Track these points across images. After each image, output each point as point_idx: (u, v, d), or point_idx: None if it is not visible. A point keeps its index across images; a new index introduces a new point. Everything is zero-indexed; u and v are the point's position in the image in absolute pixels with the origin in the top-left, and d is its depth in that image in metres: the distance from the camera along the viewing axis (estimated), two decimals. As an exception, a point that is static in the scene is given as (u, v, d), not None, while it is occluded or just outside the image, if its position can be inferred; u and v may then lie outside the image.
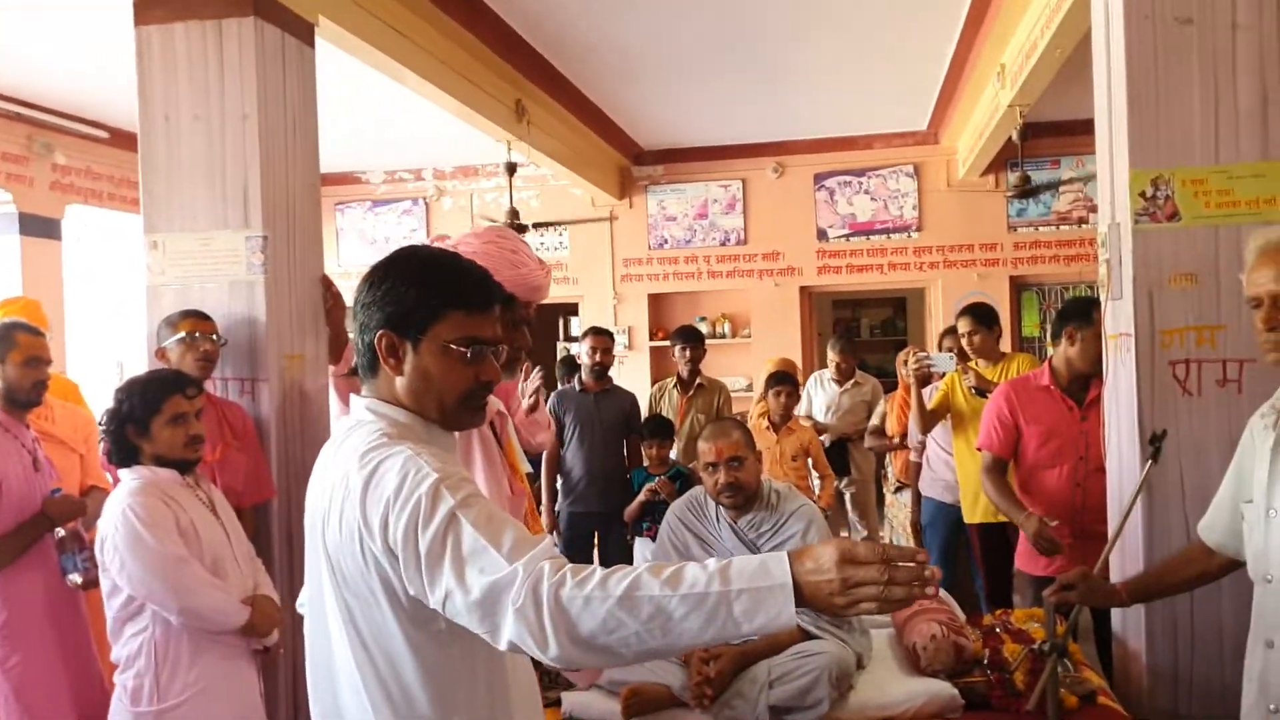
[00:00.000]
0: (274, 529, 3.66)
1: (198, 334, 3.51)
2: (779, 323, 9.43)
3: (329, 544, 1.64)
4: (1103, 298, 3.39)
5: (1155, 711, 3.06)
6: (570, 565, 1.50)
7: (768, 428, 6.03)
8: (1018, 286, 9.31)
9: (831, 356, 7.22)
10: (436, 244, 2.29)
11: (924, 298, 9.78)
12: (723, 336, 9.63)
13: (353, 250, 10.12)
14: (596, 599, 1.44)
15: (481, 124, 6.48)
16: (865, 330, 12.81)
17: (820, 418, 7.13)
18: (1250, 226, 2.93)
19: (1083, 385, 4.02)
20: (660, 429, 5.68)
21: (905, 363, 5.50)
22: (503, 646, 1.49)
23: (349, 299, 4.13)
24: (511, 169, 7.38)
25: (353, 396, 1.81)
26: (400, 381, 1.74)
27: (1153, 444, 2.97)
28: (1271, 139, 3.03)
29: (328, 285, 4.00)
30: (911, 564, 1.45)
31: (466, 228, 9.67)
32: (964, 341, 5.32)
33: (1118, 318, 3.25)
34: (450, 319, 1.71)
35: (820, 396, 7.25)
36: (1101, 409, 3.84)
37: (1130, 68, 3.09)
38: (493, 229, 2.51)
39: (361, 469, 1.61)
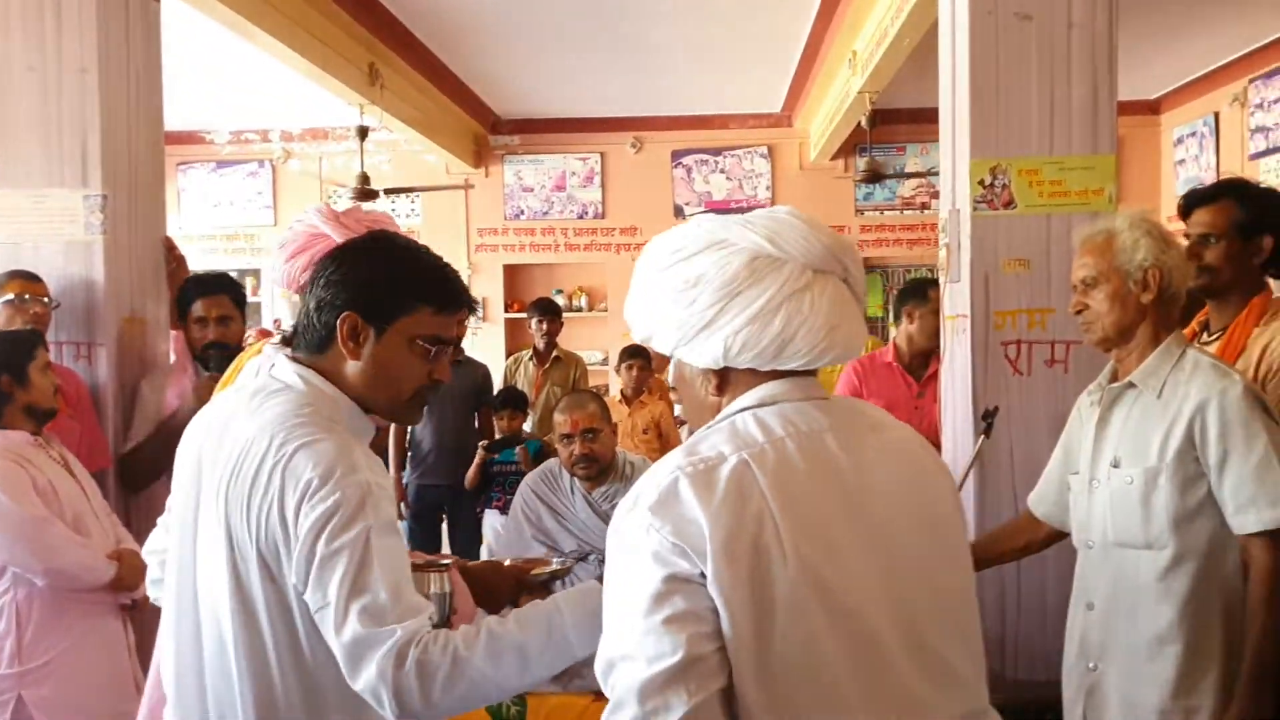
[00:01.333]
0: (110, 500, 3.52)
1: (27, 295, 3.35)
2: (634, 297, 9.50)
3: (229, 502, 1.59)
4: (942, 280, 3.53)
5: (982, 673, 3.22)
6: (430, 632, 1.54)
7: (620, 401, 6.09)
8: (863, 268, 9.59)
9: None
10: (306, 224, 2.17)
11: (775, 276, 10.00)
12: (579, 310, 9.64)
13: (195, 212, 9.75)
14: (462, 659, 1.52)
15: (333, 86, 6.32)
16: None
17: None
18: (1080, 216, 3.10)
19: (924, 362, 4.24)
20: (512, 400, 5.66)
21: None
22: (355, 687, 1.52)
23: (193, 263, 4.01)
24: (364, 133, 7.23)
25: (281, 357, 1.74)
26: (354, 366, 1.69)
27: (985, 419, 3.13)
28: (1101, 133, 3.20)
29: (170, 248, 3.86)
30: None
31: (315, 191, 9.43)
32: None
33: (955, 300, 3.39)
34: (419, 314, 1.69)
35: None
36: (937, 386, 4.09)
37: (973, 60, 3.22)
38: (377, 231, 2.36)
39: (289, 441, 1.57)
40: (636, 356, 6.16)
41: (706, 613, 1.20)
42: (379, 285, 1.69)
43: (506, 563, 2.29)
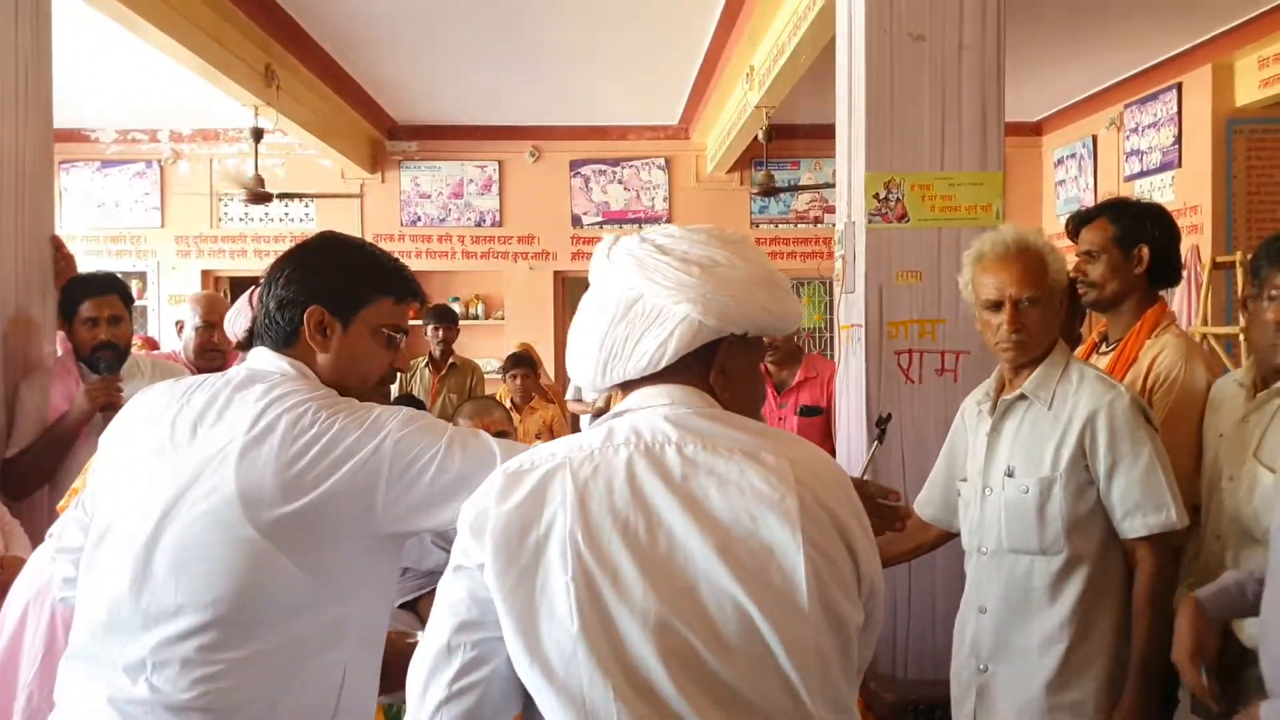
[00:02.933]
0: (-12, 506, 3.39)
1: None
2: (533, 306, 9.49)
3: (264, 476, 1.58)
4: (837, 291, 3.62)
5: (875, 675, 3.31)
6: None
7: (510, 409, 6.10)
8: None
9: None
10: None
11: (671, 287, 10.08)
12: (476, 318, 9.59)
13: (78, 213, 9.40)
14: None
15: (227, 86, 6.20)
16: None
17: (590, 400, 7.28)
18: (971, 230, 3.21)
19: (791, 375, 4.45)
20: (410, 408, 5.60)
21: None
22: None
23: (82, 264, 3.88)
24: (258, 135, 7.09)
25: (262, 350, 1.77)
26: (323, 358, 1.76)
27: (879, 426, 3.21)
28: (989, 150, 3.32)
29: (58, 246, 3.73)
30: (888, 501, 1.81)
31: (205, 194, 9.22)
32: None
33: (850, 310, 3.48)
34: (381, 305, 1.79)
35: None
36: (797, 396, 4.41)
37: (869, 78, 3.31)
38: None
39: (338, 413, 1.63)
40: (520, 365, 6.26)
41: (483, 603, 1.25)
42: (341, 279, 1.77)
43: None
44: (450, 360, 6.60)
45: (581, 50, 6.98)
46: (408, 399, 5.80)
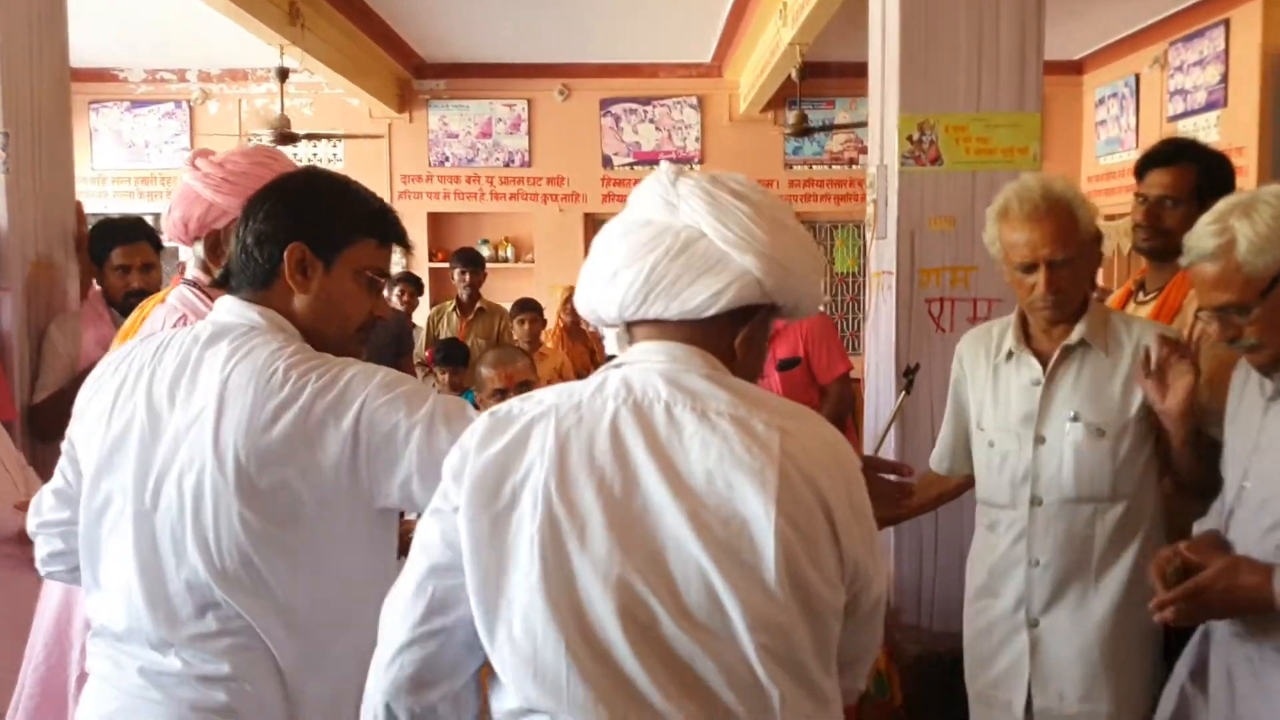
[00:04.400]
0: (13, 451, 3.40)
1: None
2: (563, 249, 9.36)
3: (238, 444, 1.53)
4: (868, 236, 3.54)
5: (900, 626, 3.28)
6: None
7: (519, 354, 6.07)
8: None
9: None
10: (201, 159, 2.22)
11: (703, 229, 9.97)
12: (505, 260, 9.53)
13: (108, 153, 9.41)
14: None
15: (252, 25, 6.12)
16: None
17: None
18: (1006, 174, 3.11)
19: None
20: (453, 356, 5.51)
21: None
22: None
23: (107, 205, 3.85)
24: (284, 75, 7.02)
25: (229, 298, 1.69)
26: (301, 300, 1.67)
27: (907, 376, 3.13)
28: (1027, 90, 3.21)
29: (80, 218, 3.71)
30: (894, 476, 1.74)
31: (234, 134, 9.18)
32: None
33: (881, 256, 3.40)
34: (364, 246, 1.70)
35: (613, 332, 7.33)
36: (774, 349, 4.12)
37: (903, 15, 3.20)
38: (263, 149, 2.44)
39: (309, 374, 1.56)
40: (528, 310, 6.20)
41: (455, 547, 1.25)
42: (325, 216, 1.68)
43: None
44: (478, 304, 6.56)
45: (611, -14, 6.85)
46: (450, 344, 5.73)
